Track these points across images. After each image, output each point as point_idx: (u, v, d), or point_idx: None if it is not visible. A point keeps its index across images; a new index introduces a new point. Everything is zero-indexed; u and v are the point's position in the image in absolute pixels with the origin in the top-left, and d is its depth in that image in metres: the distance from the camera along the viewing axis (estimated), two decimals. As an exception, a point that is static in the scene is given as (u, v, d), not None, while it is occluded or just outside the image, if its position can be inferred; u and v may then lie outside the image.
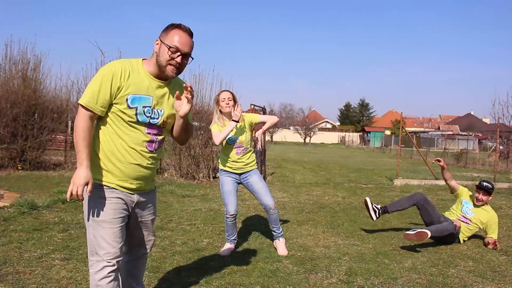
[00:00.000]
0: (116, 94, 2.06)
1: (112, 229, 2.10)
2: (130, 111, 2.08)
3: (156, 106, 2.15)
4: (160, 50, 2.08)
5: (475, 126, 46.10)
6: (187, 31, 2.11)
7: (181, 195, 7.34)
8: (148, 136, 2.15)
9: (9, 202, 5.59)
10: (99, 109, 2.04)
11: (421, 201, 4.75)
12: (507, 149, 19.63)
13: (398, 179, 10.60)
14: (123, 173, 2.13)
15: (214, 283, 3.21)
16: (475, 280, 3.55)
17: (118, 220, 2.12)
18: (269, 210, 4.07)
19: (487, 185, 4.73)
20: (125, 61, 2.13)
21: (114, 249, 2.09)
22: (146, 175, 2.22)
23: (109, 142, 2.11)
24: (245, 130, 4.01)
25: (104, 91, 2.03)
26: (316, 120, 60.20)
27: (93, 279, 2.10)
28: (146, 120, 2.12)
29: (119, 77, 2.04)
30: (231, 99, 3.93)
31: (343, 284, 3.32)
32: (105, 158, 2.12)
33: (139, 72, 2.12)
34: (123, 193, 2.15)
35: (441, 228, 4.42)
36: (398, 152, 11.79)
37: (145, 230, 2.37)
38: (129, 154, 2.12)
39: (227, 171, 4.04)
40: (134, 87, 2.08)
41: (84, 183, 2.00)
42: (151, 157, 2.20)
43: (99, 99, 2.03)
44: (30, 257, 3.60)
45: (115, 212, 2.12)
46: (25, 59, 10.10)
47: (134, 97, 2.08)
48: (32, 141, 9.78)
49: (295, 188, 9.06)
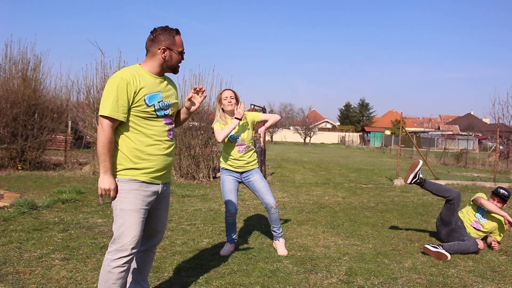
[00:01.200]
0: (134, 98, 2.30)
1: (139, 219, 2.33)
2: (149, 109, 2.35)
3: (165, 99, 2.44)
4: (172, 56, 2.41)
5: (475, 126, 46.17)
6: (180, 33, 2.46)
7: (181, 195, 7.34)
8: (167, 126, 2.46)
9: (9, 202, 5.59)
10: (121, 116, 2.28)
11: (456, 198, 4.58)
12: (507, 149, 19.61)
13: (398, 179, 10.59)
14: (154, 165, 2.38)
15: (214, 283, 3.21)
16: (475, 280, 3.55)
17: (145, 210, 2.36)
18: (270, 209, 4.07)
19: (503, 192, 4.60)
20: (128, 69, 2.36)
21: (137, 238, 2.31)
22: (171, 162, 2.52)
23: (135, 141, 2.34)
24: (247, 128, 4.02)
25: (122, 98, 2.26)
26: (316, 120, 60.18)
27: (107, 265, 2.29)
28: (162, 113, 2.42)
29: (132, 83, 2.29)
30: (233, 98, 3.95)
31: (343, 284, 3.32)
32: (134, 157, 2.34)
33: (143, 75, 2.38)
34: (152, 185, 2.40)
35: (463, 249, 4.24)
36: (398, 152, 11.79)
37: (159, 221, 2.58)
38: (156, 147, 2.38)
39: (228, 170, 4.05)
40: (147, 88, 2.35)
41: (113, 189, 2.28)
42: (172, 145, 2.51)
43: (119, 107, 2.26)
44: (30, 257, 3.60)
45: (143, 202, 2.35)
46: (25, 59, 10.12)
47: (150, 96, 2.35)
48: (32, 141, 9.79)
49: (295, 188, 9.06)
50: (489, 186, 10.44)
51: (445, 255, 4.04)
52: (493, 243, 4.57)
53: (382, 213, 6.48)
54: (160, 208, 2.56)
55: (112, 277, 2.27)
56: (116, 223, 2.32)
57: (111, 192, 2.28)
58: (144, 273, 2.65)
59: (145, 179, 2.36)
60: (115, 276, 2.27)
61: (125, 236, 2.28)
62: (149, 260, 2.65)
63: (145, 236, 2.53)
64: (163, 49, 2.38)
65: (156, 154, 2.38)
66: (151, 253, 2.65)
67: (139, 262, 2.61)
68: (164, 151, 2.42)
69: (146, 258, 2.63)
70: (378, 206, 7.14)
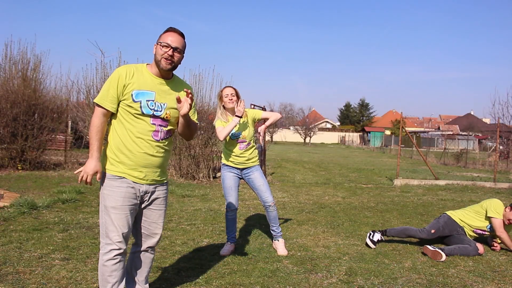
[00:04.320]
0: (123, 91, 2.39)
1: (120, 215, 2.37)
2: (135, 105, 2.39)
3: (158, 100, 2.44)
4: (156, 49, 2.43)
5: (475, 126, 46.13)
6: (177, 31, 2.45)
7: (181, 195, 7.34)
8: (153, 126, 2.44)
9: (9, 202, 5.59)
10: (109, 105, 2.38)
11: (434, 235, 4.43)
12: (507, 149, 19.62)
13: (398, 179, 10.59)
14: (133, 162, 2.41)
15: (214, 283, 3.21)
16: (475, 280, 3.55)
17: (126, 207, 2.39)
18: (268, 207, 4.08)
19: None
20: (131, 65, 2.48)
21: (121, 234, 2.36)
22: (155, 163, 2.47)
23: (120, 135, 2.42)
24: (248, 126, 4.04)
25: (112, 89, 2.38)
26: (316, 120, 60.12)
27: (101, 259, 2.39)
28: (150, 112, 2.41)
29: (124, 77, 2.39)
30: (234, 95, 3.94)
31: (343, 284, 3.32)
32: (117, 150, 2.42)
33: (143, 72, 2.46)
34: (133, 182, 2.42)
35: (464, 254, 4.21)
36: (398, 152, 11.79)
37: (152, 223, 2.57)
38: (137, 144, 2.41)
39: (229, 166, 4.06)
40: (138, 84, 2.41)
41: (92, 173, 2.35)
42: (158, 146, 2.47)
43: (108, 97, 2.38)
44: (30, 257, 3.59)
45: (124, 199, 2.38)
46: (25, 59, 10.11)
47: (137, 92, 2.40)
48: (32, 141, 9.78)
49: (295, 188, 9.06)
50: (489, 186, 10.44)
51: (440, 254, 4.03)
52: (495, 244, 4.56)
53: (382, 213, 6.48)
54: (153, 209, 2.55)
55: (107, 270, 2.36)
56: (101, 219, 2.41)
57: (97, 175, 2.36)
58: (141, 272, 2.65)
59: (126, 176, 2.40)
60: (109, 269, 2.36)
61: (110, 232, 2.36)
62: (147, 261, 2.65)
63: (140, 237, 2.59)
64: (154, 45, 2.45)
65: (136, 151, 2.40)
66: (148, 254, 2.64)
67: (137, 263, 2.63)
68: (145, 149, 2.41)
69: (145, 259, 2.64)
70: (378, 206, 7.14)
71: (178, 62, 2.46)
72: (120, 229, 2.35)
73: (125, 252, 2.42)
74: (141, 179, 2.43)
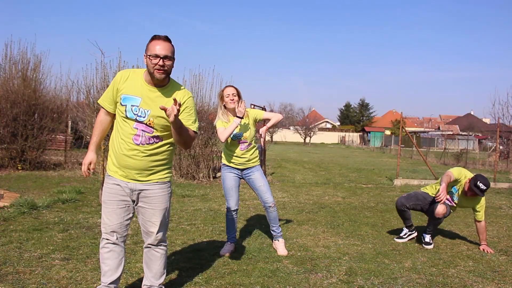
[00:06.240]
0: (116, 94, 2.56)
1: (108, 209, 2.58)
2: (122, 108, 2.53)
3: (143, 106, 2.51)
4: (146, 61, 2.47)
5: (475, 126, 46.13)
6: (162, 38, 2.45)
7: (181, 195, 7.34)
8: (135, 130, 2.52)
9: (9, 202, 5.59)
10: (107, 105, 2.60)
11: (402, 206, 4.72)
12: (507, 149, 19.61)
13: (398, 179, 10.60)
14: (117, 161, 2.57)
15: (214, 283, 3.21)
16: (475, 280, 3.55)
17: (113, 202, 2.57)
18: (268, 208, 4.08)
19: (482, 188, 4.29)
20: (131, 70, 2.62)
21: (109, 225, 2.57)
22: (133, 165, 2.54)
23: (113, 135, 2.60)
24: (249, 126, 4.00)
25: (110, 92, 2.59)
26: (316, 120, 60.14)
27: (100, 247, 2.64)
28: (133, 117, 2.51)
29: (118, 81, 2.57)
30: (235, 95, 3.89)
31: (343, 284, 3.32)
32: (111, 150, 2.61)
33: (137, 78, 2.56)
34: (119, 180, 2.56)
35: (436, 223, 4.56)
36: (398, 152, 11.79)
37: (147, 221, 2.65)
38: (120, 145, 2.54)
39: (229, 166, 4.04)
40: (127, 89, 2.54)
41: (88, 162, 2.62)
42: (137, 150, 2.52)
43: (107, 97, 2.60)
44: (30, 257, 3.60)
45: (110, 195, 2.57)
46: (25, 59, 10.11)
47: (125, 97, 2.53)
48: (32, 141, 9.79)
49: (295, 188, 9.06)
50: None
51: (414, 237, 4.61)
52: (486, 249, 4.47)
53: (382, 213, 6.48)
54: (146, 207, 2.61)
55: (101, 257, 2.61)
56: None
57: (91, 165, 2.62)
58: (151, 269, 2.75)
59: (113, 174, 2.58)
60: (101, 256, 2.60)
61: (102, 224, 2.61)
62: (153, 258, 2.73)
63: (143, 234, 2.74)
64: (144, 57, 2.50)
65: (118, 152, 2.55)
66: (153, 251, 2.72)
67: (145, 258, 2.77)
68: (124, 151, 2.52)
69: (150, 255, 2.73)
70: (378, 206, 7.14)
71: (170, 68, 2.48)
72: (109, 221, 2.56)
73: (118, 244, 2.60)
74: (124, 177, 2.57)
